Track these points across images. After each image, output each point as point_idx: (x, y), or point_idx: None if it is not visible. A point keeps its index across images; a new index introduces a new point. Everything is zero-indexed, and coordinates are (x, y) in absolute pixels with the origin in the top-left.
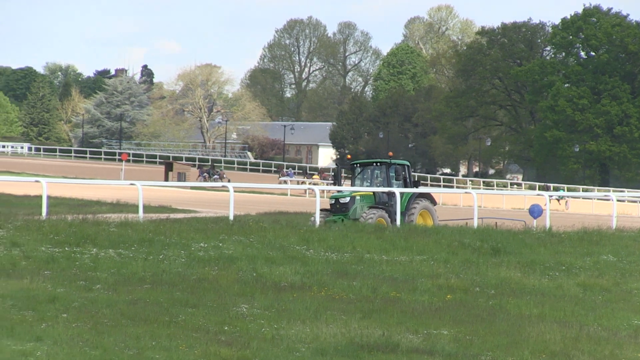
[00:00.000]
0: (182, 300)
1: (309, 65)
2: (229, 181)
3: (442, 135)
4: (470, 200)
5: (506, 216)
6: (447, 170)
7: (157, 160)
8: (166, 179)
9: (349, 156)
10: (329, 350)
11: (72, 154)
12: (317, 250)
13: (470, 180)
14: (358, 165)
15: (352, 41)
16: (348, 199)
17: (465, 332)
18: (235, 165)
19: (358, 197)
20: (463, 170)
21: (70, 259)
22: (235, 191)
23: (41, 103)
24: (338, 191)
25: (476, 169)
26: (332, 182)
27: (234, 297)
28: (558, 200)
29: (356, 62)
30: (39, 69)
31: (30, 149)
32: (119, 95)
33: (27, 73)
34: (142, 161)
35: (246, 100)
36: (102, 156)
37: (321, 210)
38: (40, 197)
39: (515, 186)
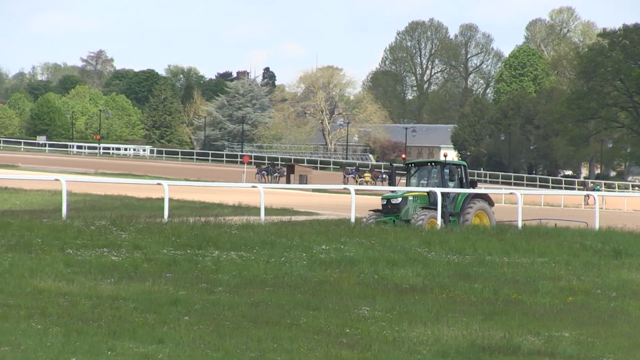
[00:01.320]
0: (304, 303)
1: (430, 67)
2: (306, 178)
3: (564, 137)
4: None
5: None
6: (569, 172)
7: (279, 162)
8: (288, 182)
9: (403, 156)
10: (450, 352)
11: (194, 157)
12: (439, 253)
13: (591, 182)
14: (413, 165)
15: (473, 43)
16: (400, 199)
17: (587, 334)
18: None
19: (410, 198)
20: (584, 172)
21: (191, 262)
22: (356, 194)
23: (163, 106)
24: (392, 191)
25: (597, 171)
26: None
27: (355, 299)
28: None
29: (477, 64)
30: (161, 71)
31: (152, 151)
32: (240, 97)
33: (149, 76)
34: (263, 164)
35: (368, 102)
36: (224, 159)
37: (373, 211)
38: (162, 199)
39: (637, 188)
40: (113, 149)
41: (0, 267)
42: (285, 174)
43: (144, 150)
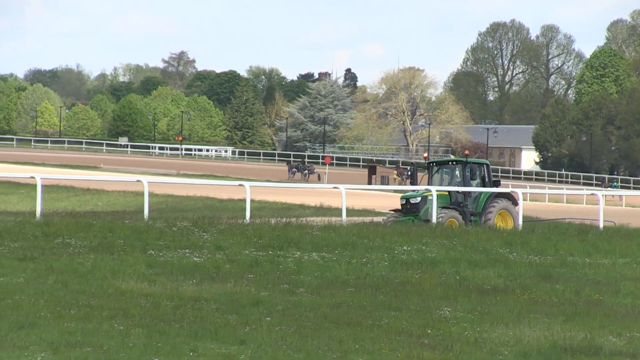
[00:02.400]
0: (386, 304)
1: (511, 68)
2: (318, 176)
3: None
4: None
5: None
6: None
7: (360, 163)
8: (369, 182)
9: (425, 155)
10: (532, 353)
11: (276, 158)
12: (520, 253)
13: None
14: (434, 164)
15: (554, 44)
16: (419, 199)
17: None
18: None
19: (431, 198)
20: None
21: (273, 263)
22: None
23: (245, 107)
24: (413, 191)
25: None
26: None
27: (436, 300)
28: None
29: (559, 65)
30: (243, 72)
31: (233, 152)
32: (322, 98)
33: (231, 77)
34: (345, 164)
35: (449, 103)
36: (306, 160)
37: (393, 210)
38: (243, 200)
39: None
40: (195, 150)
41: (82, 268)
42: (315, 171)
43: (226, 151)
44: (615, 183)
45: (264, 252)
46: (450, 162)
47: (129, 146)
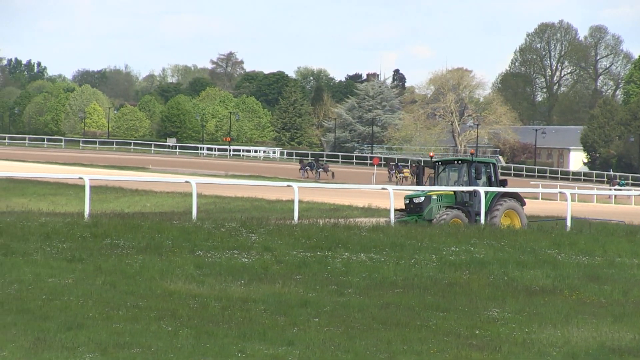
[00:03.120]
0: (434, 304)
1: (560, 69)
2: (332, 174)
3: None
4: None
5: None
6: None
7: (409, 164)
8: (418, 183)
9: (431, 154)
10: (580, 354)
11: (324, 159)
12: (568, 254)
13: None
14: (440, 163)
15: (603, 45)
16: (422, 198)
17: None
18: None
19: (434, 197)
20: None
21: (321, 264)
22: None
23: (293, 108)
24: (422, 191)
25: None
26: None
27: (485, 301)
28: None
29: (607, 65)
30: (291, 73)
31: (282, 153)
32: (370, 99)
33: (279, 78)
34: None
35: (497, 104)
36: (354, 160)
37: (396, 210)
38: (291, 201)
39: None
40: (243, 151)
41: (130, 269)
42: (329, 169)
43: (274, 152)
44: (623, 181)
45: (312, 252)
46: (455, 162)
47: (177, 147)
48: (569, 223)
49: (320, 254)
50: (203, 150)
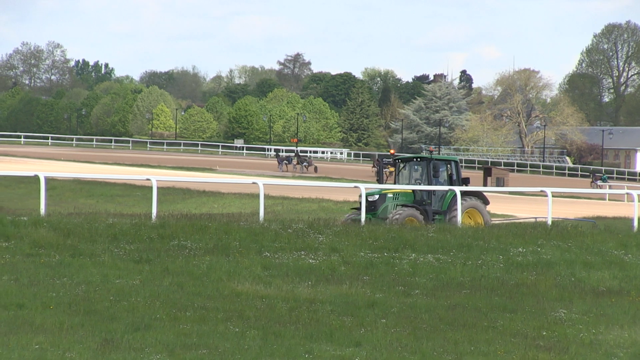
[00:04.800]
0: (501, 305)
1: (627, 69)
2: (315, 168)
3: None
4: None
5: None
6: None
7: (476, 165)
8: (485, 184)
9: (392, 151)
10: None
11: (391, 160)
12: (636, 255)
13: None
14: (400, 161)
15: None
16: (377, 196)
17: None
18: (554, 170)
19: (390, 195)
20: None
21: (388, 265)
22: (553, 196)
23: (360, 109)
24: (382, 189)
25: None
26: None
27: (552, 302)
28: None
29: None
30: (358, 74)
31: (349, 154)
32: (437, 100)
33: (346, 79)
34: (460, 166)
35: (564, 105)
36: (306, 152)
37: (352, 209)
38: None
39: None
40: (310, 152)
41: (198, 270)
42: (312, 163)
43: (341, 153)
44: (605, 176)
45: (379, 254)
46: (415, 159)
47: (244, 148)
48: (635, 224)
49: (388, 255)
50: (270, 151)
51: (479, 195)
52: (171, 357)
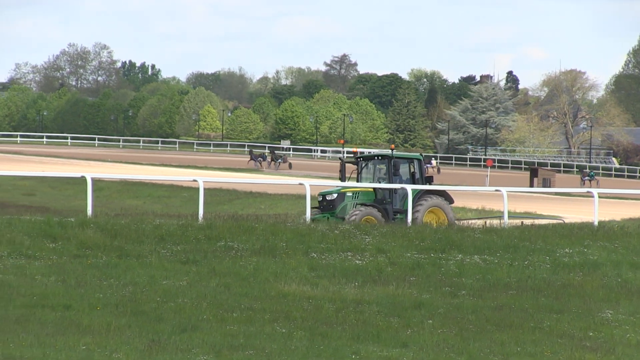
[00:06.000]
0: (547, 306)
1: None
2: (290, 165)
3: None
4: None
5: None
6: None
7: (522, 166)
8: (531, 185)
9: (355, 149)
10: None
11: (437, 161)
12: None
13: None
14: (362, 159)
15: None
16: (335, 195)
17: None
18: (600, 171)
19: (349, 194)
20: None
21: (435, 265)
22: (600, 197)
23: (406, 109)
24: (344, 187)
25: None
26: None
27: (598, 302)
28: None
29: None
30: (404, 75)
31: None
32: (484, 101)
33: (393, 80)
34: (507, 167)
35: (611, 105)
36: (468, 162)
37: (312, 207)
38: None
39: None
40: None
41: (244, 271)
42: (287, 160)
43: None
44: (592, 173)
45: (425, 254)
46: (376, 157)
47: (290, 149)
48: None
49: (434, 256)
50: (317, 152)
51: (443, 194)
52: (218, 358)
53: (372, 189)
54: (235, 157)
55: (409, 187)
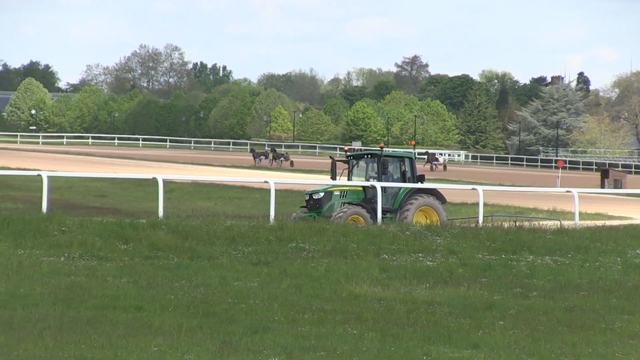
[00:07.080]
0: (618, 307)
1: None
2: (291, 163)
3: None
4: None
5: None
6: None
7: (593, 167)
8: (602, 186)
9: (346, 148)
10: None
11: (509, 162)
12: None
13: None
14: (352, 157)
15: None
16: (322, 194)
17: None
18: None
19: (336, 193)
20: None
21: (506, 267)
22: None
23: (478, 111)
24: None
25: None
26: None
27: None
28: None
29: None
30: (475, 76)
31: (466, 156)
32: (555, 102)
33: (464, 81)
34: (578, 168)
35: None
36: (539, 164)
37: (301, 207)
38: (476, 204)
39: None
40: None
41: (316, 273)
42: (289, 158)
43: (459, 155)
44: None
45: (496, 256)
46: (366, 155)
47: (361, 150)
48: None
49: (505, 257)
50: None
51: (434, 193)
52: (289, 359)
53: (361, 188)
54: (306, 158)
55: (378, 184)
